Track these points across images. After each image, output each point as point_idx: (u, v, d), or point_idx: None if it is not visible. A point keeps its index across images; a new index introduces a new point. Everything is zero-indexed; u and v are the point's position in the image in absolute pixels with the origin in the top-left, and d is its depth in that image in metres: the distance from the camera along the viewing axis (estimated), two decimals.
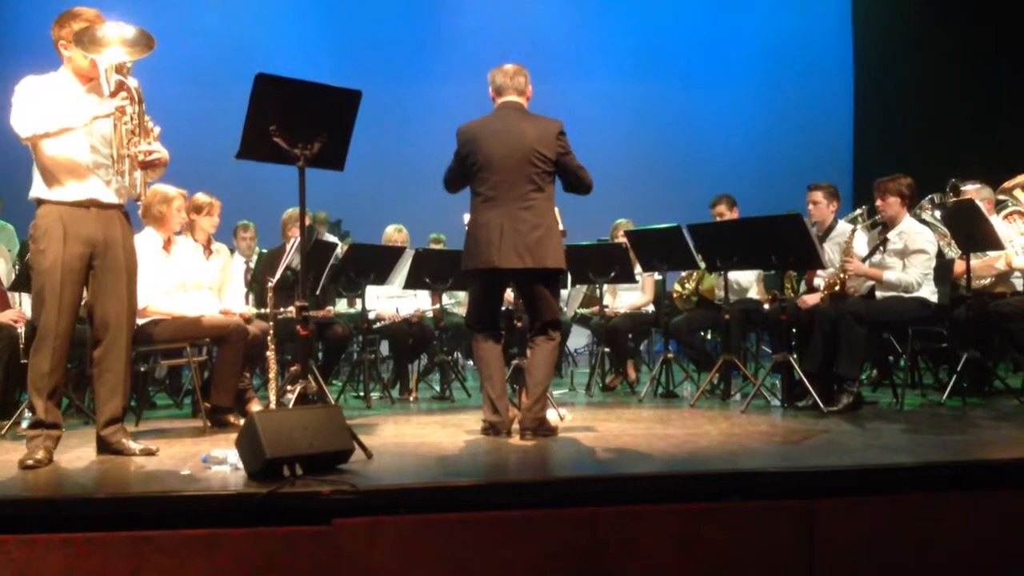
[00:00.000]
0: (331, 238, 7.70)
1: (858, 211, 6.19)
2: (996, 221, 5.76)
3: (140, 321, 4.94)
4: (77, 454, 4.06)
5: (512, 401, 4.82)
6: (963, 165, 6.97)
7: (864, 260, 5.59)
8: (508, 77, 4.63)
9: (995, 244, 5.61)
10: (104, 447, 3.98)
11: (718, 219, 6.76)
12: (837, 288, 5.57)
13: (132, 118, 3.79)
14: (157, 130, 3.89)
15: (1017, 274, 5.95)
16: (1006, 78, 9.52)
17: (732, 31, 12.37)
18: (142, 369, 5.40)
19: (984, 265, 5.94)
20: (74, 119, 3.74)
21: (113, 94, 3.76)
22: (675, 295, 7.07)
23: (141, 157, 3.82)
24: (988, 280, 6.08)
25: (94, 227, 3.89)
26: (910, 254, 5.44)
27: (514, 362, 5.68)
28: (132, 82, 3.78)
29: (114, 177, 3.90)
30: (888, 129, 11.13)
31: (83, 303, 4.06)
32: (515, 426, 4.56)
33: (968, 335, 5.49)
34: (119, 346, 3.98)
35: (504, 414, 4.55)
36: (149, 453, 3.96)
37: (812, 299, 5.73)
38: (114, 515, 2.98)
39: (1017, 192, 5.98)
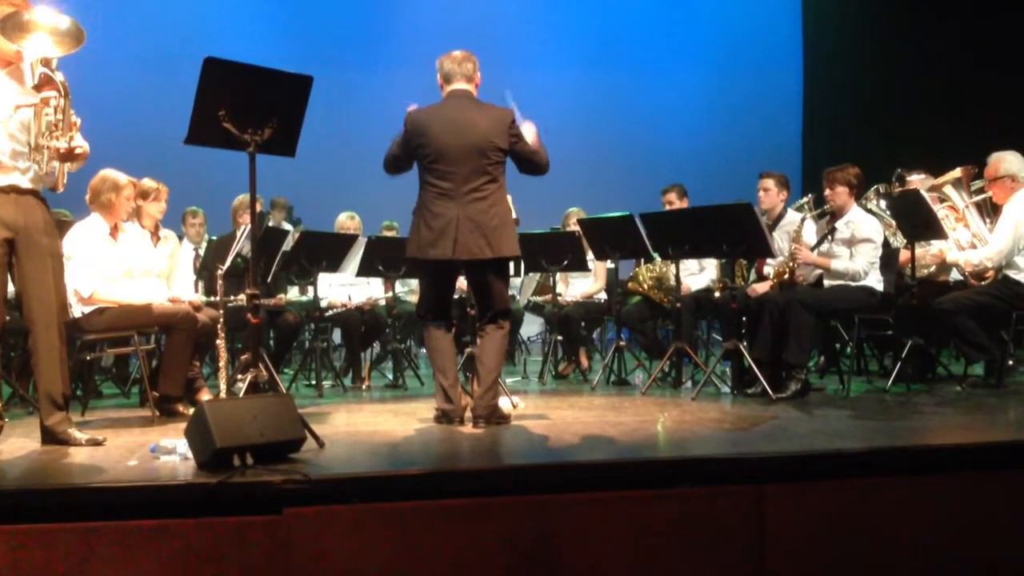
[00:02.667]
0: (288, 226, 7.65)
1: (804, 200, 6.28)
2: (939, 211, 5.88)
3: (86, 309, 4.87)
4: (21, 444, 3.99)
5: (465, 389, 4.82)
6: (909, 156, 7.09)
7: (812, 249, 5.67)
8: (456, 63, 4.59)
9: (939, 234, 5.72)
10: (49, 437, 3.91)
11: (668, 207, 6.80)
12: (786, 276, 5.65)
13: (56, 111, 3.70)
14: (78, 122, 3.80)
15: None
16: (954, 70, 9.69)
17: (683, 22, 12.43)
18: (88, 358, 5.31)
19: (922, 253, 6.07)
20: None
21: (39, 87, 3.67)
22: (633, 285, 7.01)
23: (62, 152, 3.73)
24: (932, 268, 6.20)
25: (14, 212, 3.80)
26: (857, 243, 5.53)
27: (467, 350, 5.68)
28: (59, 76, 3.68)
29: (31, 165, 3.80)
30: (836, 120, 11.30)
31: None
32: (468, 414, 4.56)
33: (912, 323, 5.59)
34: (51, 333, 3.88)
35: (457, 402, 4.55)
36: (96, 443, 3.90)
37: (762, 287, 5.81)
38: (60, 506, 2.94)
39: (947, 189, 6.10)
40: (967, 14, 9.65)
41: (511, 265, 4.88)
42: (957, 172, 6.11)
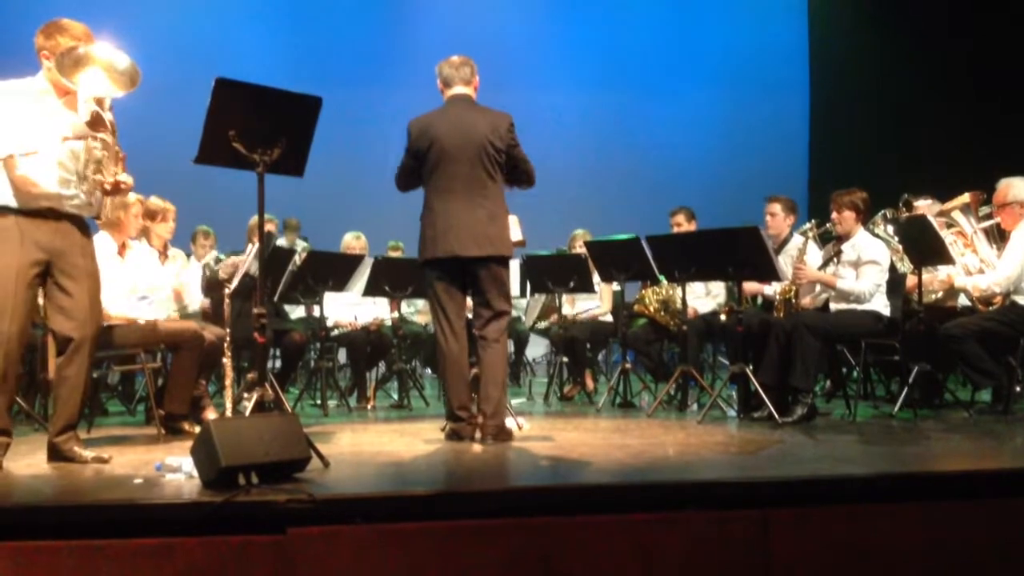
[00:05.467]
0: (301, 245, 7.66)
1: (808, 225, 6.28)
2: (946, 237, 5.87)
3: None
4: (27, 461, 3.99)
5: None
6: (916, 181, 7.10)
7: (818, 271, 5.68)
8: (454, 68, 4.73)
9: (946, 259, 5.71)
10: (55, 454, 3.91)
11: (676, 229, 6.81)
12: (791, 295, 5.66)
13: (104, 148, 3.74)
14: (124, 156, 3.86)
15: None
16: (962, 95, 9.70)
17: (691, 45, 12.50)
18: (94, 375, 5.30)
19: (930, 279, 6.06)
20: (44, 143, 3.68)
21: (89, 125, 3.69)
22: (639, 307, 7.02)
23: (108, 188, 3.80)
24: (939, 294, 6.19)
25: (52, 234, 3.82)
26: (862, 264, 5.53)
27: (473, 371, 5.68)
28: (108, 116, 3.72)
29: (78, 192, 3.84)
30: (843, 143, 11.32)
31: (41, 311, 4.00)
32: (476, 434, 4.60)
33: (919, 348, 5.58)
34: (82, 355, 3.90)
35: (468, 421, 4.61)
36: (101, 461, 3.90)
37: (756, 287, 5.86)
38: (65, 523, 2.93)
39: (955, 214, 6.10)
40: (976, 38, 9.67)
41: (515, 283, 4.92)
42: (966, 197, 6.12)
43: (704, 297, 6.77)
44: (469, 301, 5.50)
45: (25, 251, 3.76)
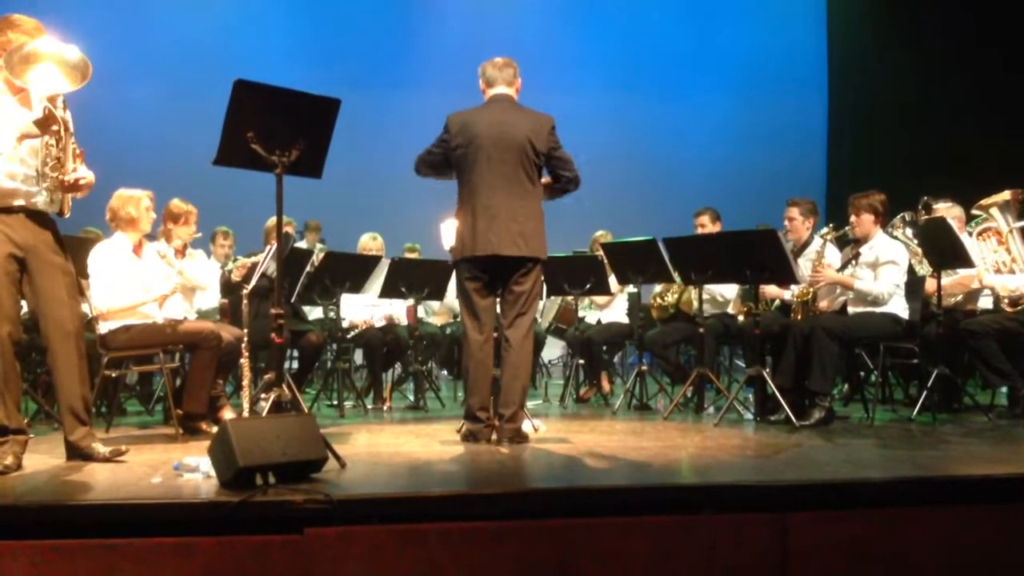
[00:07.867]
0: (319, 246, 7.68)
1: (825, 229, 6.25)
2: (966, 239, 5.83)
3: (113, 326, 4.91)
4: (46, 460, 4.01)
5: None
6: (936, 183, 7.05)
7: (837, 272, 5.65)
8: (498, 69, 4.77)
9: (966, 262, 5.66)
10: (73, 453, 3.93)
11: (700, 230, 6.78)
12: (808, 298, 5.64)
13: (59, 146, 3.70)
14: (82, 152, 3.80)
15: (986, 292, 6.02)
16: (979, 96, 9.64)
17: (709, 47, 12.47)
18: (113, 375, 5.35)
19: (957, 283, 6.01)
20: (3, 143, 3.67)
21: (43, 123, 3.64)
22: (652, 306, 7.03)
23: (68, 184, 3.75)
24: (959, 297, 6.15)
25: (24, 231, 3.81)
26: (880, 265, 5.49)
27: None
28: (59, 112, 3.64)
29: (40, 189, 3.81)
30: (861, 146, 11.26)
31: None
32: (493, 436, 4.60)
33: (938, 352, 5.54)
34: (68, 348, 3.87)
35: (486, 423, 4.61)
36: (119, 453, 3.93)
37: (776, 291, 5.83)
38: (83, 522, 2.95)
39: (993, 210, 6.05)
40: (997, 40, 9.60)
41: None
42: (1006, 194, 6.04)
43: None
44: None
45: (1, 247, 3.76)
